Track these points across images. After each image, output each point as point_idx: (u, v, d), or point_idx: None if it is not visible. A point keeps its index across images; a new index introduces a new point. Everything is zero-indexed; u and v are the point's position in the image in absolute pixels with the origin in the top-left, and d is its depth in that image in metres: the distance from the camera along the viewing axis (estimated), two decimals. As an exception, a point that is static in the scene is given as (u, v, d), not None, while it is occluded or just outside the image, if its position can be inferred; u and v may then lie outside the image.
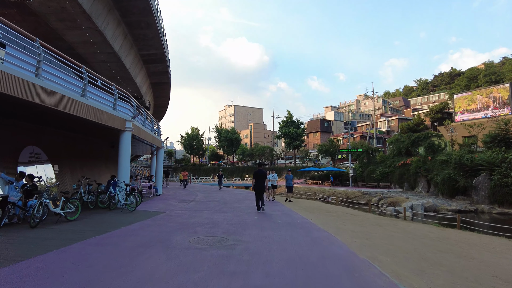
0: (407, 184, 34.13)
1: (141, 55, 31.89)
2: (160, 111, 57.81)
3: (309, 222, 7.93)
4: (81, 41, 24.41)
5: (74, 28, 22.37)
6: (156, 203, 12.21)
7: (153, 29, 26.96)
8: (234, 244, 5.18)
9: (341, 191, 33.93)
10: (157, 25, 26.54)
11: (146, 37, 28.21)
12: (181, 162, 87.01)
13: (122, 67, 29.65)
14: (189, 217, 8.31)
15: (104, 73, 31.03)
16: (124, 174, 10.14)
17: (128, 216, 8.45)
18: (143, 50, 30.91)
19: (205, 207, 11.00)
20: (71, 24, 21.70)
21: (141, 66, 34.19)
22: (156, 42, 29.37)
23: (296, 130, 55.00)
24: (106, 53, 26.71)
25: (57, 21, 21.56)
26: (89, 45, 24.85)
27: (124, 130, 10.14)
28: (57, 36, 23.97)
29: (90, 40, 24.09)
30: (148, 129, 13.99)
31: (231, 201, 14.03)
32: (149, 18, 25.36)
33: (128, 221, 7.53)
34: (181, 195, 16.69)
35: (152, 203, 12.15)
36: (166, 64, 34.93)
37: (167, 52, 34.15)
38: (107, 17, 23.04)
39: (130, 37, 27.78)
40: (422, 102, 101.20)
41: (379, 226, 8.03)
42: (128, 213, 9.04)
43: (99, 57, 27.61)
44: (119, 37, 25.89)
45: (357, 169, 40.76)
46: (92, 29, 22.46)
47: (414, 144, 35.48)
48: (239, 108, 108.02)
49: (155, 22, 25.87)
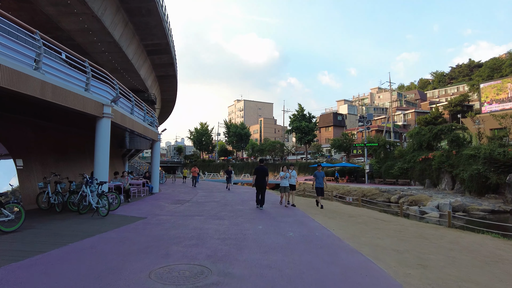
0: (428, 181, 31.55)
1: (144, 45, 30.13)
2: (168, 105, 56.38)
3: (331, 235, 5.88)
4: (78, 29, 22.80)
5: (68, 14, 20.74)
6: (143, 205, 10.45)
7: (155, 16, 25.10)
8: (217, 284, 3.24)
9: (357, 188, 31.64)
10: (159, 11, 24.65)
11: (148, 25, 26.40)
12: (190, 158, 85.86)
13: (124, 58, 27.99)
14: (171, 227, 6.38)
15: (105, 66, 29.45)
16: (101, 170, 8.33)
17: (93, 224, 6.66)
18: (146, 40, 29.13)
19: (199, 211, 9.17)
20: (64, 9, 20.07)
21: (145, 57, 32.47)
22: (159, 31, 27.51)
23: (308, 124, 52.54)
24: (106, 43, 25.05)
25: (49, 5, 19.94)
26: (87, 33, 23.23)
27: (101, 117, 8.29)
28: (55, 26, 22.50)
29: (87, 28, 22.45)
30: (139, 118, 12.16)
31: (233, 202, 12.03)
32: (149, 4, 23.50)
33: (87, 233, 5.67)
34: (178, 194, 14.89)
35: (138, 205, 10.39)
36: (171, 55, 33.07)
37: (171, 42, 32.29)
38: (104, 2, 21.28)
39: (131, 25, 26.01)
40: (439, 95, 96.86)
41: (425, 240, 5.96)
42: (98, 219, 7.18)
43: (99, 48, 26.00)
44: (119, 25, 24.15)
45: (374, 164, 38.21)
46: (88, 15, 20.78)
47: (436, 137, 32.69)
48: (249, 103, 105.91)
49: (157, 8, 24.00)
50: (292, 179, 11.27)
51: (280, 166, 58.90)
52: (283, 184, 10.96)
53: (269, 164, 62.02)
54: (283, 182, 10.93)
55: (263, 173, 10.57)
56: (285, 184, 10.90)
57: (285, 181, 10.88)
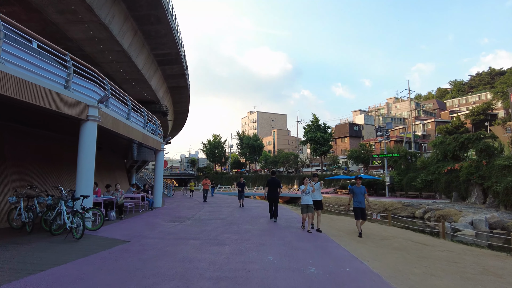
0: (456, 194, 29.10)
1: (155, 55, 29.54)
2: (181, 117, 55.89)
3: (367, 271, 4.23)
4: (86, 38, 22.30)
5: (75, 22, 20.25)
6: (134, 223, 9.00)
7: (165, 25, 24.44)
8: None
9: (378, 202, 29.49)
10: (169, 19, 23.96)
11: (158, 33, 25.79)
12: (203, 170, 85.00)
13: (134, 68, 27.38)
14: (153, 257, 4.90)
15: (115, 76, 28.99)
16: (85, 182, 7.04)
17: (58, 251, 5.32)
18: (157, 50, 28.52)
19: (197, 232, 7.67)
20: (71, 16, 19.57)
21: (156, 67, 31.88)
22: (170, 40, 26.84)
23: (323, 134, 50.65)
24: (114, 52, 24.50)
25: (56, 13, 19.50)
26: (94, 42, 22.71)
27: (85, 120, 7.04)
28: (65, 36, 22.15)
29: (94, 36, 21.93)
30: (138, 125, 10.91)
31: (240, 219, 10.34)
32: (158, 12, 22.85)
33: (39, 265, 4.26)
34: (181, 210, 13.41)
35: (129, 223, 8.96)
36: (182, 65, 32.35)
37: (182, 52, 31.63)
38: (111, 9, 20.71)
39: (141, 34, 25.44)
40: (460, 104, 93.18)
41: (499, 278, 4.30)
42: (69, 243, 5.79)
43: (107, 57, 25.48)
44: (127, 33, 23.58)
45: (394, 176, 35.92)
46: (95, 23, 20.24)
47: (462, 146, 30.29)
48: (262, 114, 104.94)
49: (166, 16, 23.33)
50: (316, 193, 8.77)
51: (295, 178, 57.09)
52: (305, 202, 8.25)
53: (283, 176, 60.13)
54: (305, 199, 8.27)
55: (276, 185, 10.10)
56: (307, 201, 8.22)
57: (307, 197, 8.25)
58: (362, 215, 7.99)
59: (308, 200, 8.25)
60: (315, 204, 8.59)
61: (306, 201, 8.26)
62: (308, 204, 8.23)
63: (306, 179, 8.72)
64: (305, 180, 8.72)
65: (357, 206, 8.00)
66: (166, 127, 50.46)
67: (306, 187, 8.26)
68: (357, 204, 7.99)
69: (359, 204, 7.99)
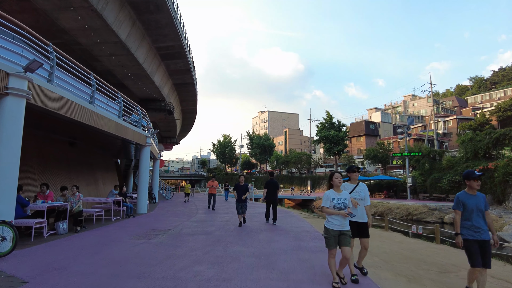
0: (490, 197, 26.12)
1: (157, 48, 27.73)
2: (189, 117, 54.22)
3: None
4: (78, 27, 20.60)
5: (64, 9, 18.53)
6: (79, 241, 6.58)
7: (165, 13, 22.55)
8: None
9: (400, 206, 26.76)
10: (169, 8, 22.03)
11: (158, 24, 23.93)
12: (213, 171, 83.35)
13: (134, 62, 25.61)
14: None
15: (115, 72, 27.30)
16: (5, 183, 4.98)
17: None
18: (158, 42, 26.69)
19: (159, 259, 5.21)
20: (59, 2, 17.88)
21: (159, 62, 30.07)
22: (172, 31, 24.95)
23: (337, 133, 47.85)
24: (111, 44, 22.75)
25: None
26: (88, 32, 21.00)
27: (3, 94, 4.98)
28: (60, 29, 20.57)
29: (87, 26, 20.20)
30: (108, 112, 8.80)
31: (233, 234, 7.66)
32: (157, -2, 21.05)
33: None
34: (165, 218, 10.96)
35: (69, 242, 6.51)
36: (187, 60, 30.43)
37: (187, 45, 29.68)
38: (104, -6, 18.98)
39: (140, 24, 23.63)
40: (483, 100, 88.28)
41: None
42: None
43: (105, 51, 23.78)
44: (124, 23, 21.76)
45: (417, 177, 32.98)
46: (87, 9, 18.47)
47: (497, 143, 27.18)
48: (273, 113, 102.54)
49: (166, 3, 21.41)
50: (360, 210, 4.58)
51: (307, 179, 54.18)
52: (335, 226, 4.10)
53: (295, 177, 57.52)
54: (335, 221, 4.11)
55: (274, 187, 9.70)
56: (341, 225, 4.10)
57: (338, 221, 4.10)
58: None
59: (342, 223, 4.06)
60: (358, 230, 4.52)
61: (338, 225, 4.06)
62: (344, 233, 4.05)
63: (337, 178, 4.23)
64: (334, 178, 4.24)
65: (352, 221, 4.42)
66: (174, 127, 48.82)
67: (340, 195, 4.13)
68: (480, 237, 3.77)
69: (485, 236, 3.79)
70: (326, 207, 4.16)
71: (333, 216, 4.12)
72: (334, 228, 4.10)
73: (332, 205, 4.11)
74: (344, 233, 4.07)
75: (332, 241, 4.09)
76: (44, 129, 8.69)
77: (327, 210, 4.15)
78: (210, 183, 16.14)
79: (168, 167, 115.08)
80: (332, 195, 4.17)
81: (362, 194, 4.65)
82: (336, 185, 4.24)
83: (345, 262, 4.11)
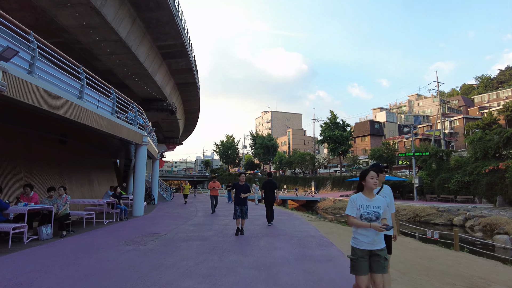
0: (501, 198, 25.25)
1: (158, 47, 27.23)
2: (192, 117, 53.79)
3: None
4: (77, 25, 20.15)
5: (62, 5, 18.09)
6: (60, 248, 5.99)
7: (165, 11, 22.05)
8: None
9: (406, 207, 25.97)
10: (169, 5, 21.53)
11: (159, 22, 23.44)
12: (216, 172, 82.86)
13: (135, 61, 25.14)
14: None
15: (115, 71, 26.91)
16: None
17: None
18: (159, 40, 26.20)
19: (144, 271, 4.53)
20: (56, -3, 17.46)
21: (160, 61, 29.59)
22: (173, 30, 24.44)
23: (342, 133, 47.09)
24: (111, 42, 22.29)
25: (40, -5, 17.47)
26: (88, 30, 20.56)
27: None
28: (60, 28, 20.19)
29: (86, 23, 19.74)
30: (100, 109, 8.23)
31: (232, 240, 7.01)
32: (157, -5, 20.59)
33: None
34: (162, 221, 10.34)
35: (48, 249, 5.92)
36: (188, 59, 29.90)
37: (188, 44, 29.16)
38: (103, -9, 18.53)
39: (140, 22, 23.15)
40: (490, 100, 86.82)
41: None
42: None
43: (105, 49, 23.32)
44: (124, 20, 21.29)
45: (424, 177, 32.18)
46: (85, 6, 18.01)
47: (508, 142, 26.31)
48: (276, 113, 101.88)
49: (166, 0, 20.94)
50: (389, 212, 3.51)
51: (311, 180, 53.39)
52: (361, 245, 2.98)
53: (299, 178, 56.81)
54: (363, 237, 2.97)
55: (272, 188, 9.76)
56: (371, 240, 2.96)
57: (367, 237, 2.96)
58: None
59: (373, 240, 2.97)
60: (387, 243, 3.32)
61: (367, 242, 2.98)
62: (374, 252, 2.98)
63: (373, 178, 3.03)
64: (369, 177, 3.05)
65: None
66: (176, 127, 48.41)
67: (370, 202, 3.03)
68: None
69: None
70: (353, 217, 3.00)
71: (360, 230, 2.97)
72: (362, 247, 2.96)
73: (359, 214, 2.98)
74: (377, 254, 2.95)
75: (360, 265, 2.92)
76: (31, 126, 8.19)
77: (353, 221, 2.99)
78: (211, 184, 15.16)
79: (171, 167, 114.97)
80: (360, 201, 3.02)
81: (388, 199, 3.57)
82: (370, 188, 3.04)
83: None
